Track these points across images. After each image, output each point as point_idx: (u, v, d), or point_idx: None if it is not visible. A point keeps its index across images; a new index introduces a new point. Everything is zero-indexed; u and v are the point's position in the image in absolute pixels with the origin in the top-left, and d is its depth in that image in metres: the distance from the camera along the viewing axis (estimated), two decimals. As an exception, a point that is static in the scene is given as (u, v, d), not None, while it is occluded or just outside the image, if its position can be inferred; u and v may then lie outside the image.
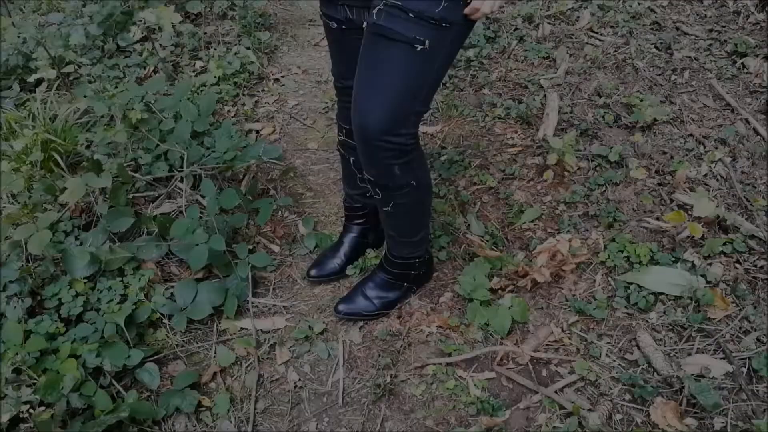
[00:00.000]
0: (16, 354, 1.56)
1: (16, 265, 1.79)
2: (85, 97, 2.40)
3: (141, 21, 2.68)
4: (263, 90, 2.81)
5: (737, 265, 1.89)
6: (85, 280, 1.80)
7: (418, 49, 1.27)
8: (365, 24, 1.34)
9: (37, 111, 2.42)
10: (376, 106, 1.35)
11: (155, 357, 1.71)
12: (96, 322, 1.70)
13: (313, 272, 1.93)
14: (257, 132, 2.55)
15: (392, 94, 1.34)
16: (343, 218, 2.01)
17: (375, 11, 1.29)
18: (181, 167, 2.11)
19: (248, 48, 2.91)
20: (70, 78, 2.70)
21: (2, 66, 2.71)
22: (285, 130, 2.60)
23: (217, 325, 1.83)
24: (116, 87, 2.54)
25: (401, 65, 1.31)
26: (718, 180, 2.20)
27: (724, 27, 2.96)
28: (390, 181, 1.48)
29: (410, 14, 1.25)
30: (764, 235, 1.92)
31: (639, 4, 3.16)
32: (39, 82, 2.70)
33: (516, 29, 3.08)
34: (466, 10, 1.26)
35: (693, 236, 1.91)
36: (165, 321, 1.81)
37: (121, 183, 2.03)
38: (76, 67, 2.70)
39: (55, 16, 2.80)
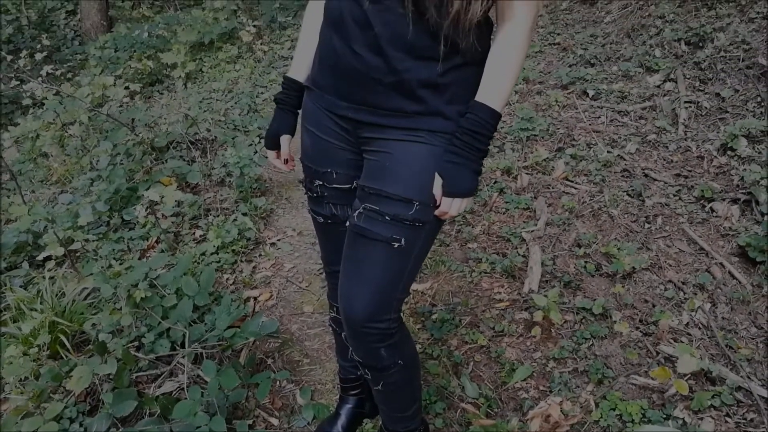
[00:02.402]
0: None
1: (21, 459, 1.82)
2: (90, 275, 2.53)
3: (145, 196, 2.86)
4: (260, 255, 2.95)
5: (727, 419, 1.93)
6: (88, 471, 1.83)
7: (395, 246, 1.40)
8: (348, 223, 1.48)
9: (45, 290, 2.54)
10: (360, 297, 1.46)
11: None
12: None
13: (312, 448, 1.96)
14: (255, 299, 2.66)
15: (374, 287, 1.45)
16: (339, 387, 2.06)
17: (356, 214, 1.44)
18: (183, 344, 2.19)
19: (245, 214, 3.09)
20: (77, 254, 2.85)
21: (13, 245, 2.87)
22: (281, 295, 2.71)
23: None
24: (121, 263, 2.68)
25: (381, 261, 1.44)
26: (700, 328, 2.29)
27: (690, 171, 3.17)
28: (377, 363, 1.56)
29: (387, 217, 1.39)
30: (749, 387, 1.98)
31: (608, 152, 3.39)
32: (47, 257, 2.84)
33: (496, 182, 3.28)
34: (436, 212, 1.39)
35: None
36: None
37: (125, 364, 2.10)
38: (83, 243, 2.85)
39: (65, 196, 2.99)
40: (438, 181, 1.36)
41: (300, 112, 1.62)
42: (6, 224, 3.31)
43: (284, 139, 1.64)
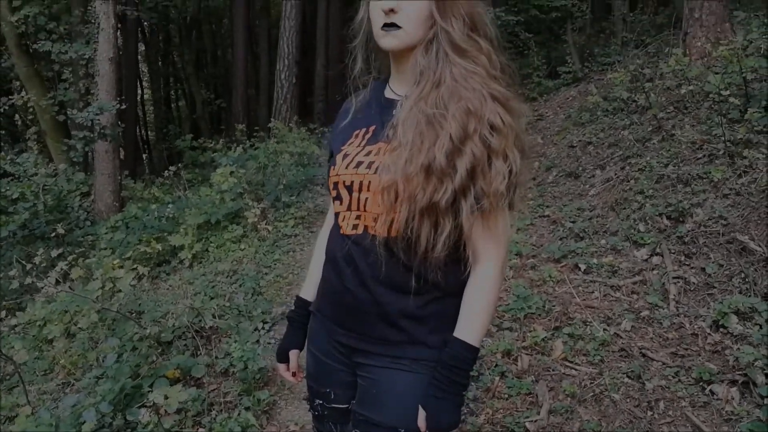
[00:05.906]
0: None
1: None
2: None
3: (149, 399, 2.89)
4: (263, 454, 2.93)
5: None
6: None
7: None
8: None
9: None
10: None
11: None
12: None
13: None
14: (258, 507, 2.60)
15: None
16: None
17: None
18: None
19: (248, 409, 3.09)
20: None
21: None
22: (285, 500, 2.65)
23: None
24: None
25: None
26: None
27: (686, 350, 3.21)
28: None
29: None
30: None
31: (604, 330, 3.46)
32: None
33: (497, 365, 3.32)
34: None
35: None
36: None
37: None
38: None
39: (69, 398, 3.02)
40: (422, 414, 1.44)
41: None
42: (9, 422, 3.31)
43: (293, 354, 1.76)
